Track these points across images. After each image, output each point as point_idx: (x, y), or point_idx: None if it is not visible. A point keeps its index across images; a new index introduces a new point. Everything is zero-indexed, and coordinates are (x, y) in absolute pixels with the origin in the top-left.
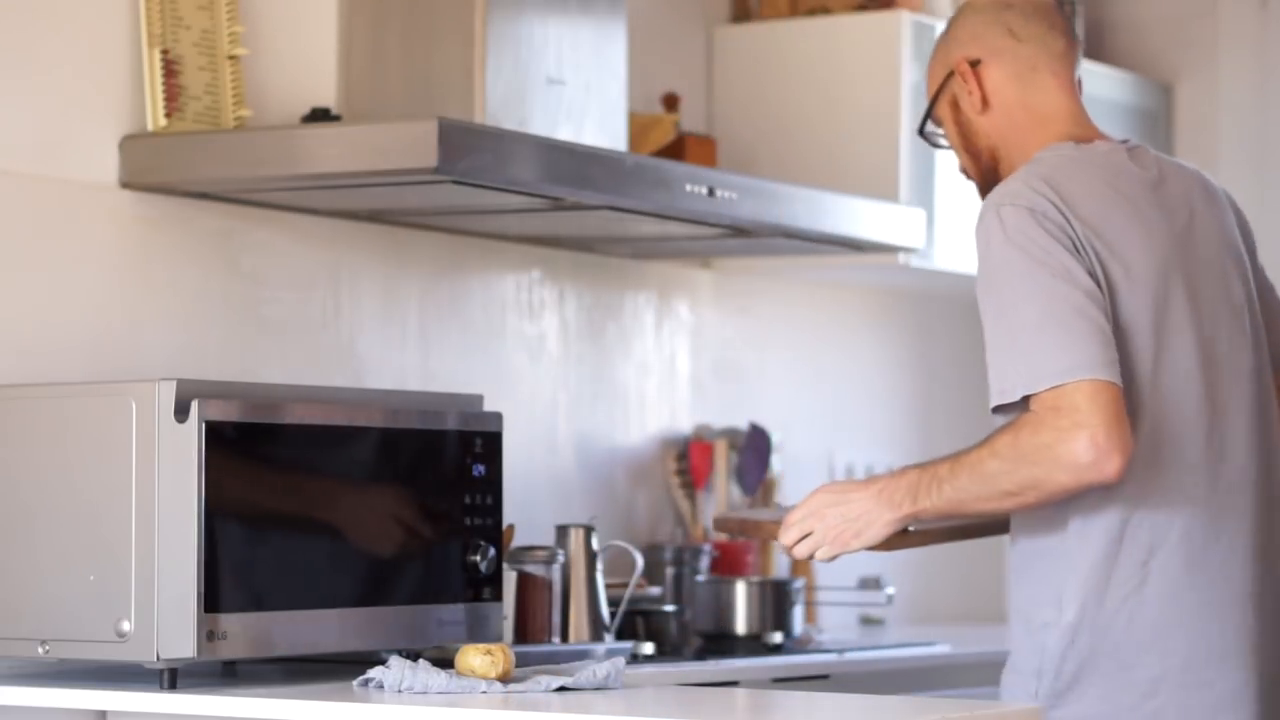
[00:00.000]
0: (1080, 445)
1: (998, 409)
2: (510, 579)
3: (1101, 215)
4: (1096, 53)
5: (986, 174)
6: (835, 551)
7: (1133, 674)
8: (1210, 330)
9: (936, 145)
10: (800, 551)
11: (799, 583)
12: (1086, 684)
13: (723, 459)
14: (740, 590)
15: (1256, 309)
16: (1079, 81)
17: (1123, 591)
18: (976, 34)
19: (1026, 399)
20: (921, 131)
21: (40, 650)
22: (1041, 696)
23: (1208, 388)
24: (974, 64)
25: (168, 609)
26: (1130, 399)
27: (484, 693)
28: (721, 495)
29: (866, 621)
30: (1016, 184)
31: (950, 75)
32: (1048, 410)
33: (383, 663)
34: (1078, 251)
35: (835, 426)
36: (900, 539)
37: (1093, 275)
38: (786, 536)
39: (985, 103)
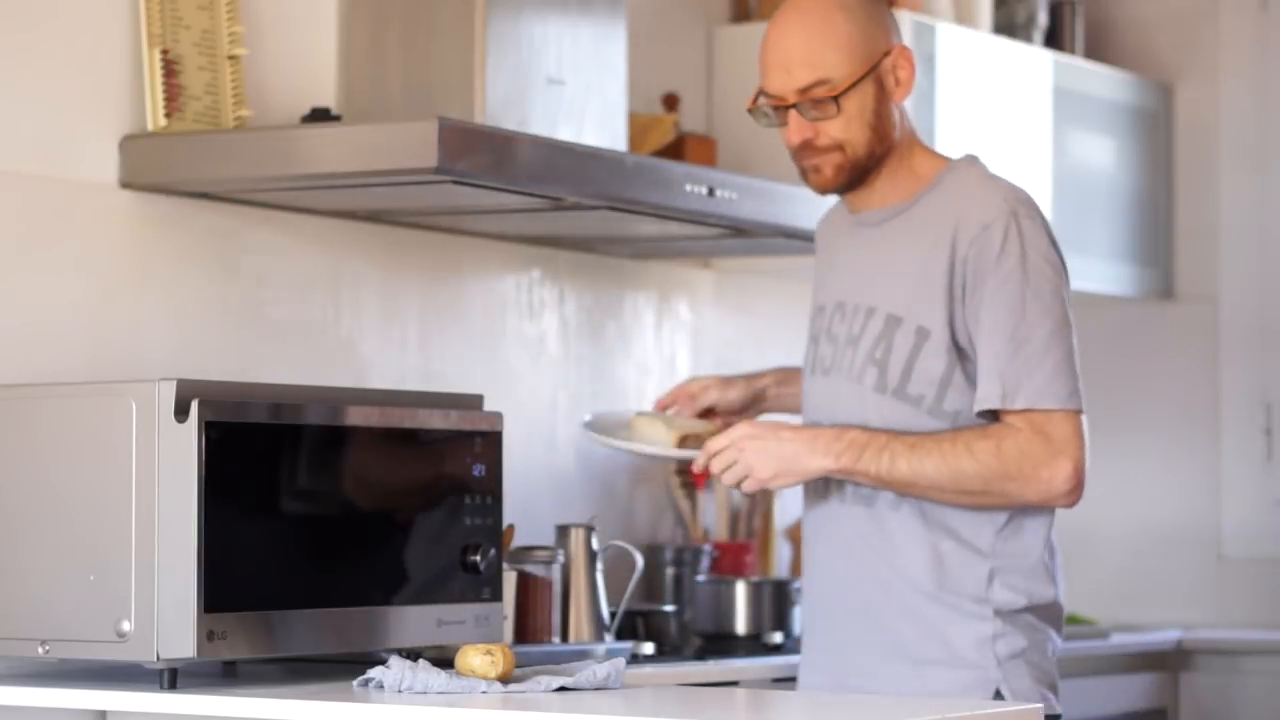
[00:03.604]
0: (1063, 474)
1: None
2: (510, 579)
3: None
4: (1096, 53)
5: (871, 160)
6: (753, 488)
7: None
8: None
9: (765, 120)
10: (729, 478)
11: (799, 583)
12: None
13: None
14: (740, 590)
15: None
16: None
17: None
18: (894, 28)
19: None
20: (838, 98)
21: (40, 650)
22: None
23: None
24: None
25: (168, 609)
26: None
27: (484, 693)
28: (721, 495)
29: None
30: (1016, 192)
31: (887, 54)
32: (1035, 431)
33: (383, 663)
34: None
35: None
36: None
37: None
38: (715, 462)
39: (907, 94)
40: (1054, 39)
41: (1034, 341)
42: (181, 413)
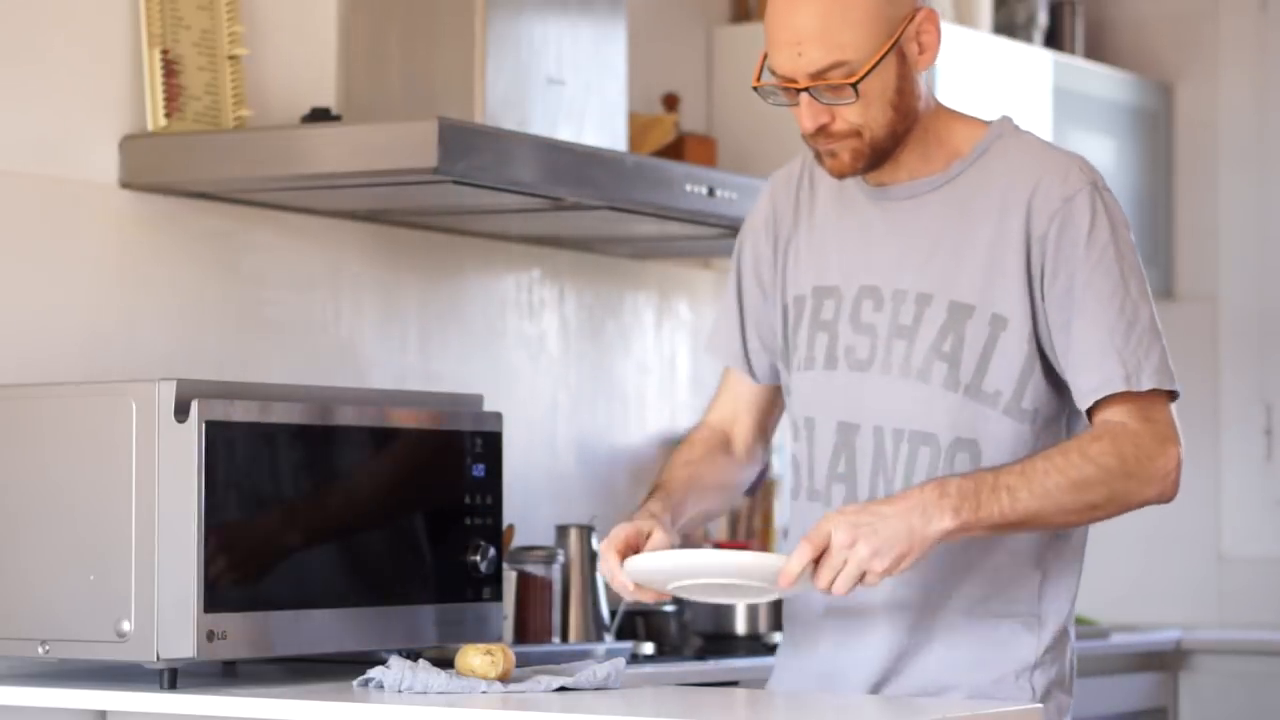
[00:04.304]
0: (1173, 461)
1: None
2: (510, 579)
3: None
4: (1096, 53)
5: (892, 141)
6: (876, 583)
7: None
8: None
9: (774, 99)
10: (842, 586)
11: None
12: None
13: None
14: None
15: None
16: None
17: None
18: None
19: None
20: (857, 84)
21: (40, 650)
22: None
23: None
24: None
25: (168, 609)
26: None
27: (484, 693)
28: None
29: None
30: (1084, 160)
31: (910, 20)
32: (1143, 420)
33: (383, 663)
34: None
35: None
36: None
37: None
38: (821, 576)
39: (934, 60)
40: (1054, 39)
41: (1142, 320)
42: (181, 413)
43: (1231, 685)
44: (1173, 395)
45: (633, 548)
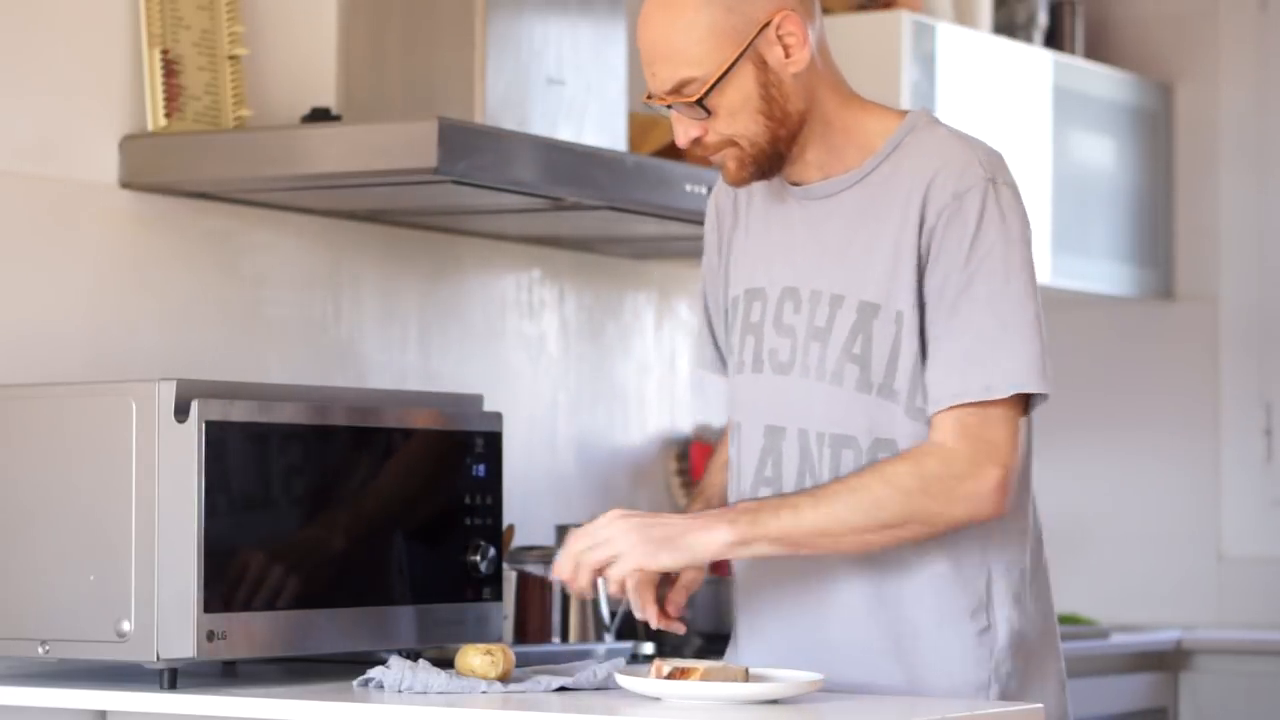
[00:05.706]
0: (989, 483)
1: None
2: (510, 579)
3: None
4: (1096, 53)
5: (777, 145)
6: (621, 573)
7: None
8: None
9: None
10: (594, 557)
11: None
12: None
13: None
14: None
15: None
16: None
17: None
18: None
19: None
20: (703, 101)
21: (40, 650)
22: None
23: None
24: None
25: (168, 609)
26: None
27: (484, 693)
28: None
29: None
30: (990, 154)
31: (765, 27)
32: (966, 440)
33: (383, 663)
34: None
35: None
36: None
37: None
38: (576, 540)
39: (808, 59)
40: (1054, 39)
41: (1017, 322)
42: (181, 413)
43: (1231, 685)
44: (1028, 402)
45: (684, 590)
